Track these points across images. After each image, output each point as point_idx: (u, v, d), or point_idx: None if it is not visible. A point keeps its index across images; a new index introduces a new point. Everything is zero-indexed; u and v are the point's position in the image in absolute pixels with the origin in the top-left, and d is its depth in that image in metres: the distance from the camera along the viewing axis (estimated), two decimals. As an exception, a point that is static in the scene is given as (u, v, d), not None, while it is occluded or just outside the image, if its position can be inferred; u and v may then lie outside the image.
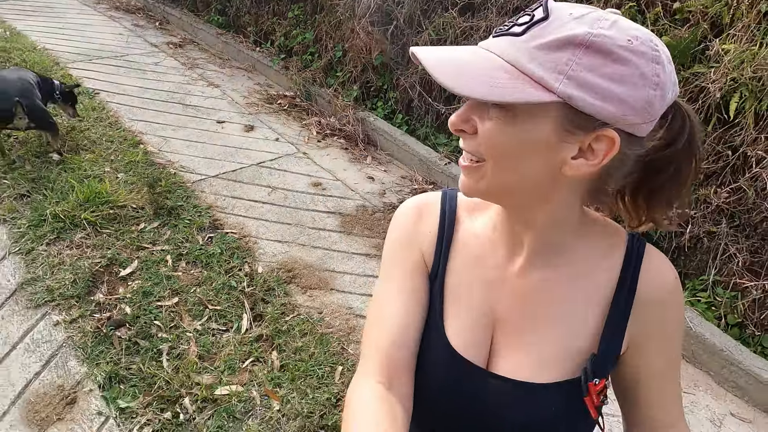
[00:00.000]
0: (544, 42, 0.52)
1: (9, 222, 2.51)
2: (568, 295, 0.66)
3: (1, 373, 1.88)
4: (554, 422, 0.66)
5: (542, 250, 0.66)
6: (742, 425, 2.08)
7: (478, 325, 0.68)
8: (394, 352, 0.64)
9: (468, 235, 0.71)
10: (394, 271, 0.70)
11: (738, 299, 2.44)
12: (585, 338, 0.65)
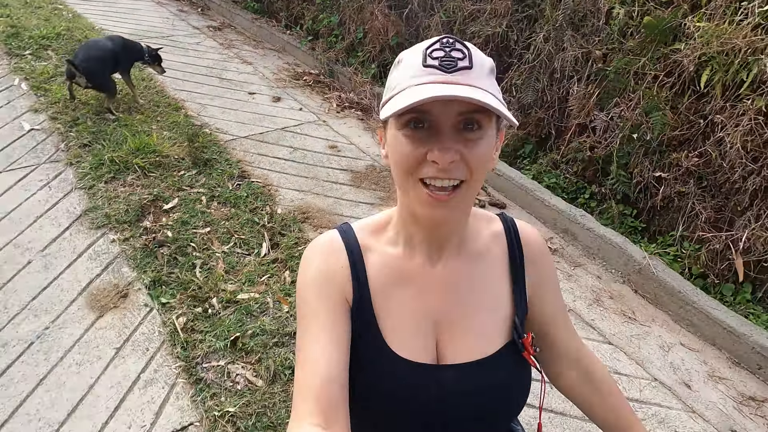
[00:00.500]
0: (487, 70, 0.65)
1: (75, 165, 3.01)
2: (480, 276, 0.76)
3: (71, 274, 2.35)
4: (508, 384, 0.75)
5: (455, 245, 0.75)
6: (690, 353, 2.37)
7: (420, 329, 0.73)
8: (326, 390, 0.64)
9: (381, 257, 0.75)
10: (314, 312, 0.70)
11: (701, 252, 2.71)
12: (504, 306, 0.77)
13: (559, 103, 3.38)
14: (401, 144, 0.64)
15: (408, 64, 0.64)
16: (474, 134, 0.63)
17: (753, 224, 2.53)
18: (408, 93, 0.61)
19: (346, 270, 0.73)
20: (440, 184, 0.62)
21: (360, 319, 0.72)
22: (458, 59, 0.62)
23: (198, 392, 1.91)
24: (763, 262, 2.56)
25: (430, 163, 0.62)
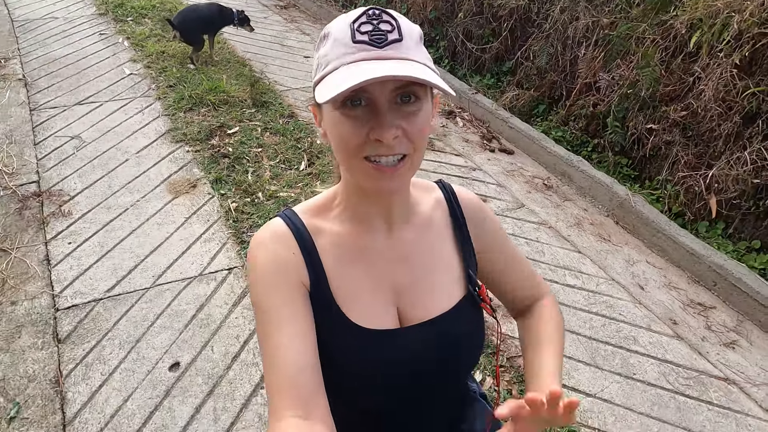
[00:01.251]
0: (416, 38, 0.64)
1: (162, 99, 3.78)
2: (428, 241, 0.79)
3: (156, 169, 3.07)
4: (468, 333, 0.80)
5: (402, 215, 0.77)
6: (653, 268, 2.75)
7: (379, 299, 0.75)
8: (300, 379, 0.64)
9: (331, 237, 0.75)
10: (272, 305, 0.69)
11: (681, 194, 3.06)
12: (455, 264, 0.81)
13: (570, 66, 3.79)
14: (341, 124, 0.62)
15: (336, 39, 0.62)
16: (412, 107, 0.62)
17: (724, 166, 2.86)
18: (343, 72, 0.59)
19: (298, 256, 0.72)
20: (385, 161, 0.63)
21: (319, 302, 0.72)
22: (387, 32, 0.61)
23: (242, 249, 2.54)
24: (733, 200, 2.88)
25: (373, 141, 0.61)
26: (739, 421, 2.02)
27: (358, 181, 0.68)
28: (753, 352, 2.32)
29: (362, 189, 0.70)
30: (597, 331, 2.32)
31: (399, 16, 0.64)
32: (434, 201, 0.83)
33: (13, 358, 2.00)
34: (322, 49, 0.65)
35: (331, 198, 0.79)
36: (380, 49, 0.60)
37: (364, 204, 0.74)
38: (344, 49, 0.61)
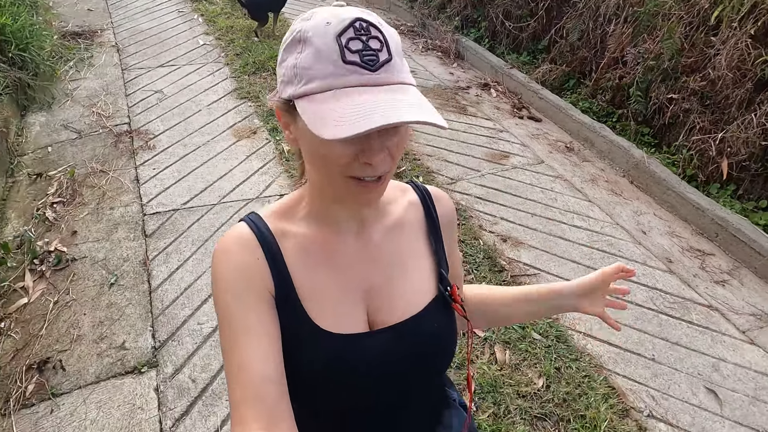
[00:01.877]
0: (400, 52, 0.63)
1: (230, 65, 4.33)
2: (400, 241, 0.78)
3: (223, 119, 3.60)
4: (439, 334, 0.77)
5: (373, 217, 0.77)
6: (659, 220, 3.00)
7: (348, 302, 0.73)
8: (264, 390, 0.62)
9: (297, 240, 0.73)
10: (235, 314, 0.66)
11: (695, 157, 3.27)
12: (427, 265, 0.80)
13: (600, 42, 4.03)
14: (327, 144, 0.60)
15: (320, 52, 0.58)
16: (399, 129, 0.62)
17: (735, 130, 3.06)
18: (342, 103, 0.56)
19: (262, 261, 0.70)
20: (369, 179, 0.63)
21: (286, 307, 0.70)
22: (377, 51, 0.59)
23: (291, 182, 3.01)
24: (743, 162, 3.07)
25: (361, 163, 0.61)
26: (715, 338, 2.28)
27: (335, 192, 0.68)
28: (742, 290, 2.55)
29: (339, 200, 0.70)
30: (595, 262, 2.61)
31: (381, 23, 0.61)
32: (407, 202, 0.82)
33: (112, 246, 2.54)
34: (299, 57, 0.60)
35: (298, 200, 0.76)
36: (373, 73, 0.58)
37: (335, 209, 0.73)
38: (333, 69, 0.58)
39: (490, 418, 1.88)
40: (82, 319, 2.18)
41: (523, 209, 2.96)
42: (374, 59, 0.59)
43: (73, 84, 3.97)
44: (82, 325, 2.16)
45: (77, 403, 1.88)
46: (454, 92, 4.25)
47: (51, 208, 2.75)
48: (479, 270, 2.49)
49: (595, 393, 1.97)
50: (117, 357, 2.04)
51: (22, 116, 3.52)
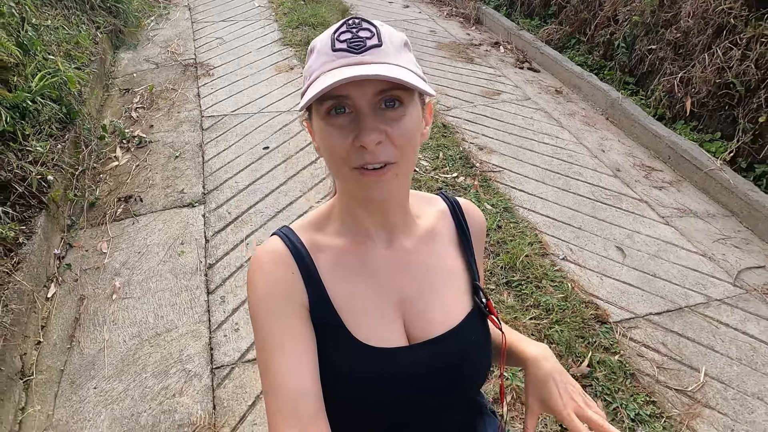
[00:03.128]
0: (398, 44, 0.64)
1: (278, 21, 5.17)
2: (432, 253, 0.79)
3: (269, 58, 4.41)
4: (477, 348, 0.78)
5: (403, 226, 0.76)
6: (622, 145, 3.52)
7: (385, 315, 0.74)
8: (300, 404, 0.64)
9: (331, 253, 0.74)
10: (272, 330, 0.68)
11: (664, 98, 3.75)
12: (460, 277, 0.81)
13: (599, 5, 4.53)
14: (328, 133, 0.63)
15: (319, 50, 0.64)
16: (396, 112, 0.62)
17: (696, 70, 3.53)
18: (321, 80, 0.60)
19: (297, 276, 0.71)
20: (371, 168, 0.63)
21: (323, 322, 0.71)
22: (366, 38, 0.61)
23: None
24: (702, 100, 3.53)
25: (359, 149, 0.62)
26: (636, 219, 2.82)
27: (349, 189, 0.69)
28: (677, 194, 3.06)
29: (355, 198, 0.71)
30: (554, 166, 3.20)
31: (382, 24, 0.64)
32: (438, 212, 0.82)
33: (177, 134, 3.38)
34: (307, 62, 0.66)
35: (328, 212, 0.78)
36: (358, 55, 0.60)
37: (361, 215, 0.73)
38: (324, 58, 0.62)
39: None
40: (155, 175, 3.02)
41: (502, 129, 3.57)
42: (361, 44, 0.61)
43: (153, 32, 4.92)
44: (155, 178, 2.99)
45: (150, 220, 2.70)
46: (465, 47, 4.87)
47: (135, 111, 3.64)
48: (454, 165, 3.14)
49: (524, 241, 2.58)
50: (178, 197, 2.85)
51: (114, 52, 4.48)
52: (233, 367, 2.01)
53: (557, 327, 2.13)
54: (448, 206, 0.84)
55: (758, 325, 2.25)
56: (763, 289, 2.43)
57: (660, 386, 1.99)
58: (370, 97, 0.61)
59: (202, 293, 2.31)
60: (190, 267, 2.44)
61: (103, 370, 2.00)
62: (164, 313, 2.22)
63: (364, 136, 0.60)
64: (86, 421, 1.83)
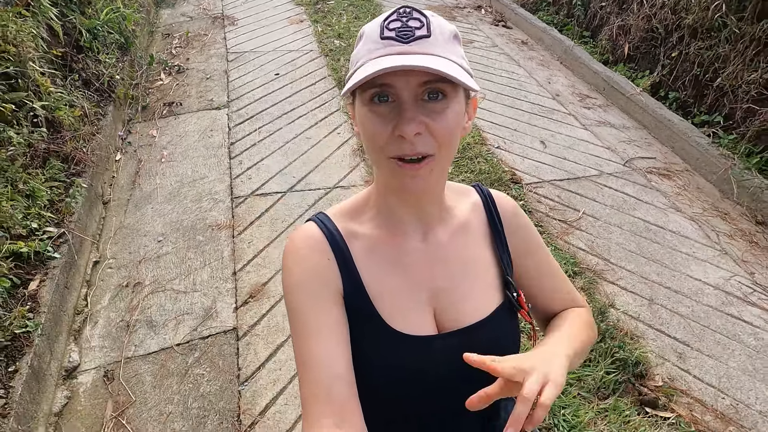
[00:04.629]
0: (447, 36, 0.64)
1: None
2: (465, 245, 0.79)
3: (283, 14, 5.27)
4: (506, 339, 0.80)
5: (438, 217, 0.78)
6: (567, 80, 4.28)
7: (417, 304, 0.75)
8: (334, 388, 0.65)
9: (366, 241, 0.76)
10: (306, 314, 0.69)
11: (608, 44, 4.49)
12: (492, 269, 0.81)
13: (565, -29, 5.27)
14: (369, 120, 0.64)
15: (367, 37, 0.65)
16: (438, 104, 0.63)
17: (631, 16, 4.27)
18: (366, 67, 0.61)
19: (333, 263, 0.73)
20: (409, 159, 0.63)
21: (357, 308, 0.73)
22: (415, 28, 0.62)
23: (320, 46, 4.61)
24: (637, 44, 4.27)
25: (397, 138, 0.62)
26: (560, 125, 3.60)
27: (385, 179, 0.70)
28: (601, 113, 3.83)
29: (390, 188, 0.72)
30: (505, 91, 3.99)
31: (433, 15, 0.64)
32: (471, 205, 0.83)
33: (208, 65, 4.27)
34: (355, 48, 0.67)
35: (365, 200, 0.79)
36: (405, 44, 0.61)
37: (396, 205, 0.74)
38: (372, 45, 0.63)
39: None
40: (191, 90, 3.91)
41: (469, 66, 4.37)
42: (409, 34, 0.61)
43: (187, -5, 5.84)
44: (191, 92, 3.88)
45: (187, 117, 3.59)
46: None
47: (174, 49, 4.54)
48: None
49: (467, 136, 3.39)
50: (208, 103, 3.74)
51: (156, 8, 5.40)
52: (246, 197, 2.88)
53: (480, 182, 2.94)
54: (482, 199, 0.84)
55: (633, 188, 3.03)
56: (645, 170, 3.20)
57: (548, 218, 2.79)
58: (414, 87, 0.61)
59: (226, 158, 3.18)
60: (217, 143, 3.31)
61: (157, 199, 2.88)
62: (199, 169, 3.10)
63: (403, 125, 0.61)
64: (145, 224, 2.71)
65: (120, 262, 2.50)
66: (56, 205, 2.46)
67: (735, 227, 2.79)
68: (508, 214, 0.84)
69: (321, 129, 3.48)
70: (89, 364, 2.06)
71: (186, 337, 2.15)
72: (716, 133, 3.35)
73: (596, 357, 2.03)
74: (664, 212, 2.86)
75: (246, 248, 2.56)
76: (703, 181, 3.16)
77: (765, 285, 2.44)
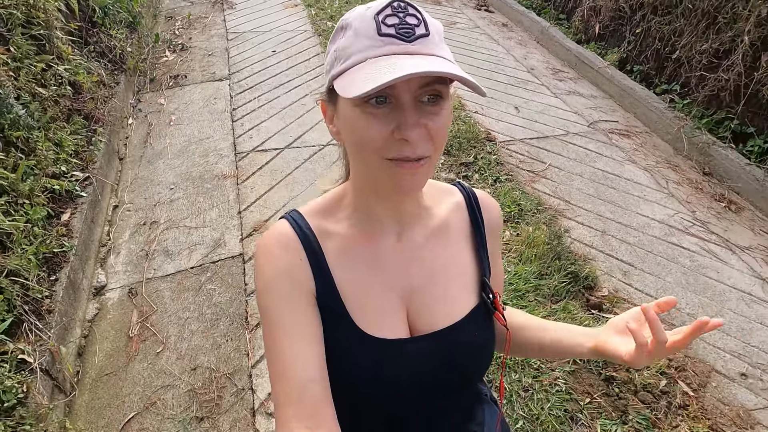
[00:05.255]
0: (441, 34, 0.63)
1: None
2: (443, 245, 0.78)
3: (279, 6, 5.60)
4: (480, 343, 0.77)
5: (416, 217, 0.76)
6: (542, 57, 4.63)
7: (390, 306, 0.74)
8: (307, 390, 0.64)
9: (340, 240, 0.74)
10: (279, 315, 0.68)
11: (580, 25, 4.85)
12: (470, 271, 0.79)
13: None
14: (363, 123, 0.61)
15: (358, 31, 0.61)
16: (436, 106, 0.62)
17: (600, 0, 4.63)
18: (370, 67, 0.58)
19: (305, 263, 0.71)
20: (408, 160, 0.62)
21: (328, 309, 0.71)
22: (414, 26, 0.60)
23: (314, 27, 4.94)
24: (606, 24, 4.63)
25: (398, 141, 0.61)
26: (533, 94, 3.95)
27: (377, 179, 0.66)
28: (572, 84, 4.18)
29: (377, 187, 0.69)
30: (483, 65, 4.33)
31: (422, 9, 0.63)
32: (453, 204, 0.81)
33: (210, 44, 4.59)
34: (340, 41, 0.63)
35: (339, 198, 0.77)
36: (408, 44, 0.59)
37: (375, 204, 0.73)
38: (369, 42, 0.60)
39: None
40: (194, 65, 4.23)
41: (450, 45, 4.71)
42: (410, 32, 0.59)
43: (187, -17, 6.14)
44: (194, 66, 4.20)
45: (192, 88, 3.91)
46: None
47: (177, 30, 4.85)
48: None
49: (449, 102, 3.73)
50: (210, 75, 4.06)
51: (158, -6, 5.72)
52: (248, 153, 3.20)
53: (458, 140, 3.28)
54: (464, 198, 0.83)
55: (595, 144, 3.39)
56: (608, 130, 3.56)
57: (517, 169, 3.14)
58: (415, 89, 0.60)
59: (229, 121, 3.51)
60: (220, 109, 3.64)
61: (167, 155, 3.20)
62: (204, 131, 3.42)
63: (408, 130, 0.59)
64: (158, 176, 3.03)
65: (137, 206, 2.82)
66: (80, 155, 2.78)
67: (683, 176, 3.15)
68: (494, 219, 0.84)
69: (315, 97, 3.81)
70: (115, 284, 2.39)
71: (199, 262, 2.48)
72: (673, 99, 3.72)
73: (552, 272, 2.37)
74: (621, 164, 3.21)
75: (249, 193, 2.89)
76: (660, 140, 3.52)
77: (704, 220, 2.80)
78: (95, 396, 1.95)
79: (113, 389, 1.97)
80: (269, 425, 1.85)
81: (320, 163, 3.11)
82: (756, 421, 1.88)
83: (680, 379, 2.00)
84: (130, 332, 2.18)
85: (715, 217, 2.82)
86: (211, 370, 2.02)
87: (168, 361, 2.06)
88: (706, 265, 2.51)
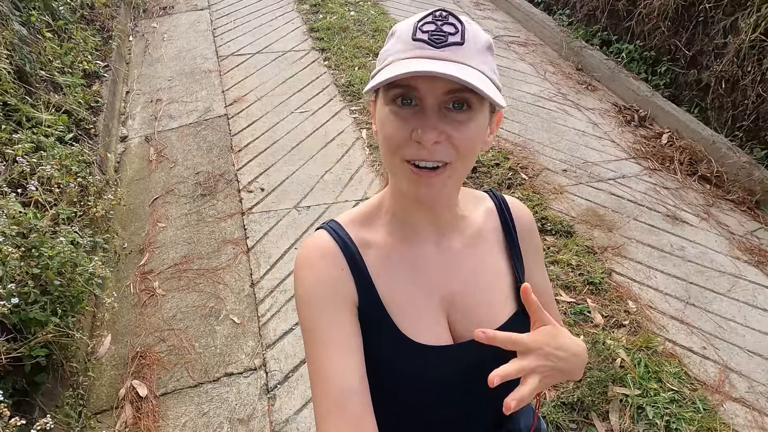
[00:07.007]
0: (481, 46, 0.63)
1: None
2: (479, 252, 0.79)
3: None
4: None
5: (451, 224, 0.77)
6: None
7: (432, 313, 0.75)
8: (348, 402, 0.64)
9: (380, 250, 0.75)
10: (320, 325, 0.69)
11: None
12: (506, 277, 0.81)
13: None
14: (388, 121, 0.63)
15: (399, 36, 0.64)
16: (462, 115, 0.62)
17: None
18: (393, 67, 0.60)
19: (346, 272, 0.72)
20: (423, 165, 0.62)
21: (371, 317, 0.72)
22: (449, 34, 0.61)
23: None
24: None
25: (414, 142, 0.61)
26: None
27: (398, 183, 0.68)
28: (489, 12, 5.18)
29: (402, 193, 0.70)
30: (419, 0, 5.30)
31: (469, 21, 0.63)
32: (485, 211, 0.83)
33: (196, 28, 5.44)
34: (385, 46, 0.66)
35: (377, 206, 0.79)
36: (437, 49, 0.60)
37: (410, 211, 0.74)
38: (402, 46, 0.62)
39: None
40: (179, 42, 5.09)
41: None
42: (442, 39, 0.60)
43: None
44: (179, 40, 5.06)
45: (180, 15, 4.79)
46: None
47: None
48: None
49: (388, 23, 4.69)
50: (193, 6, 4.94)
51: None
52: (228, 56, 4.14)
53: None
54: (495, 205, 0.84)
55: (495, 50, 4.41)
56: (509, 42, 4.58)
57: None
58: (439, 95, 0.60)
59: (211, 37, 4.44)
60: (203, 29, 4.55)
61: (164, 60, 4.11)
62: (191, 43, 4.34)
63: (423, 132, 0.60)
64: (158, 73, 3.95)
65: (144, 91, 3.74)
66: (99, 50, 3.68)
67: (559, 69, 4.20)
68: (526, 229, 0.85)
69: (279, 20, 4.73)
70: (134, 135, 3.33)
71: (194, 120, 3.43)
72: (563, 19, 4.76)
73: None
74: (513, 61, 4.25)
75: (230, 80, 3.84)
76: (549, 50, 4.56)
77: (565, 93, 3.85)
78: (130, 190, 2.92)
79: (142, 184, 2.93)
80: (251, 198, 2.83)
81: (284, 63, 4.06)
82: (565, 190, 2.95)
83: (522, 171, 3.05)
84: (149, 158, 3.13)
85: (575, 93, 3.88)
86: (209, 172, 3.00)
87: (179, 171, 3.02)
88: (558, 118, 3.57)
